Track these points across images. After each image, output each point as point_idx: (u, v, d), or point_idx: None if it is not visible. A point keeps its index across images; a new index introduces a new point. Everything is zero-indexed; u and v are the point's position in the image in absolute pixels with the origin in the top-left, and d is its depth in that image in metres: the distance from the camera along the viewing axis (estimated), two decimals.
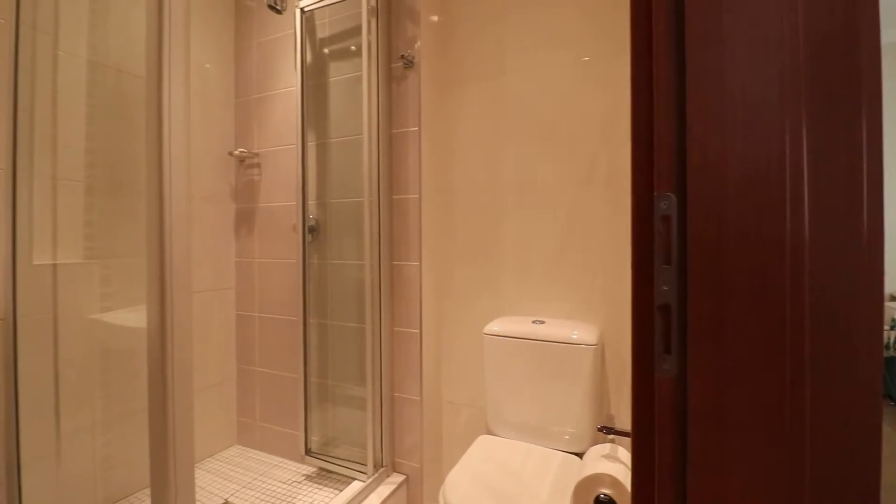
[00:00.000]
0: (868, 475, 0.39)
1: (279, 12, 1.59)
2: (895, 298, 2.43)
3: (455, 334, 1.66)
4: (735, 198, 0.43)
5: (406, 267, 1.54)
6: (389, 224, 1.55)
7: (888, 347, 2.33)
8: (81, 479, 1.34)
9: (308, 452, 1.63)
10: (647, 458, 0.48)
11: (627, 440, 1.19)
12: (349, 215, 1.63)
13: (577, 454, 1.27)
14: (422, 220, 1.51)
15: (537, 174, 1.50)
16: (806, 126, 0.41)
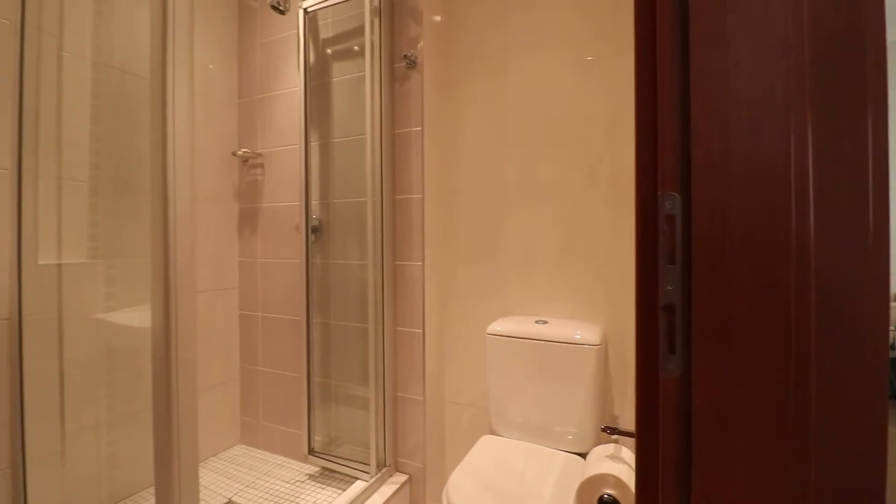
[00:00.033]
0: (873, 476, 0.39)
1: (282, 13, 1.60)
2: None
3: (458, 334, 1.66)
4: (740, 197, 0.42)
5: (409, 267, 1.54)
6: (392, 224, 1.55)
7: (894, 348, 2.32)
8: (86, 478, 1.35)
9: (311, 452, 1.64)
10: (651, 459, 0.48)
11: (631, 441, 1.20)
12: (352, 215, 1.64)
13: (581, 454, 1.27)
14: (424, 220, 1.51)
15: (540, 174, 1.50)
16: (811, 125, 0.41)
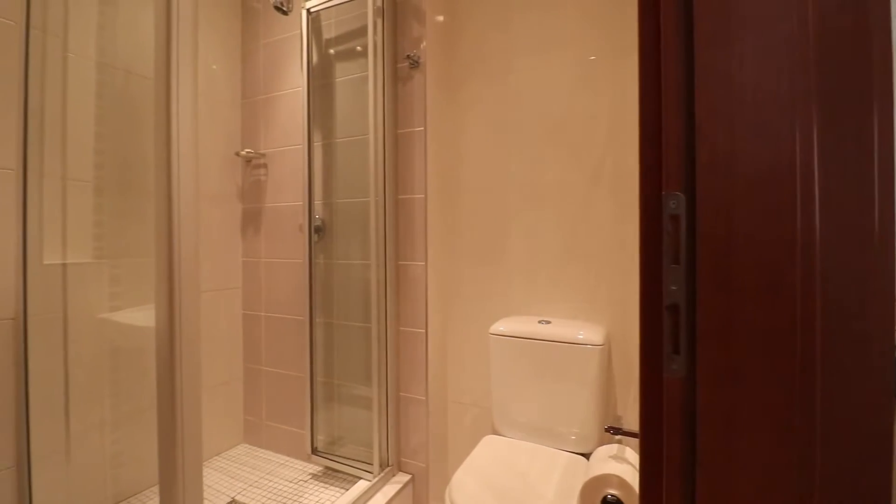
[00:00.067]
0: (880, 476, 0.39)
1: (285, 13, 1.60)
2: None
3: (461, 334, 1.66)
4: (745, 197, 0.42)
5: (412, 267, 1.54)
6: (395, 224, 1.56)
7: None
8: (90, 477, 1.36)
9: (314, 451, 1.64)
10: (656, 459, 0.48)
11: (634, 441, 1.19)
12: (355, 215, 1.64)
13: (584, 455, 1.27)
14: (427, 220, 1.51)
15: (543, 173, 1.50)
16: (816, 124, 0.40)
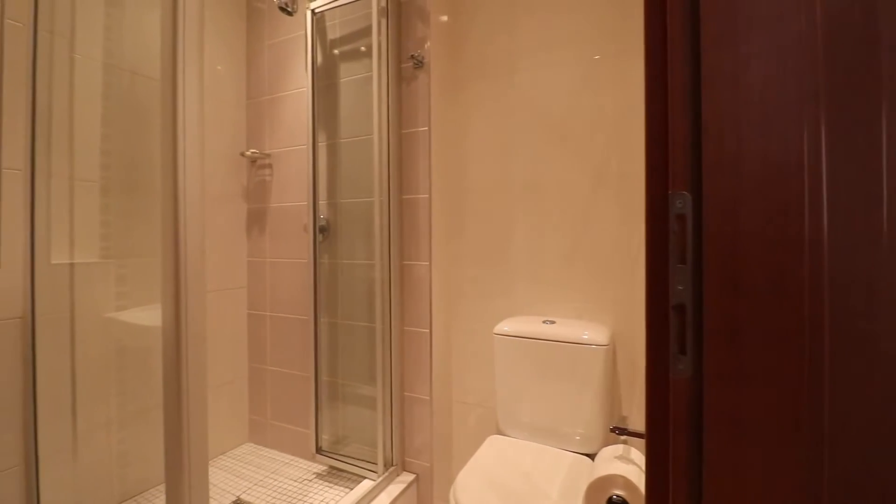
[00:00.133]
0: (889, 478, 0.39)
1: (290, 14, 1.60)
2: None
3: (465, 334, 1.66)
4: (752, 196, 0.42)
5: (416, 266, 1.54)
6: (399, 224, 1.56)
7: None
8: (97, 475, 1.37)
9: (319, 451, 1.65)
10: (662, 460, 0.48)
11: (639, 442, 1.19)
12: (359, 215, 1.64)
13: (589, 455, 1.27)
14: (431, 220, 1.51)
15: (548, 173, 1.50)
16: (824, 123, 0.40)
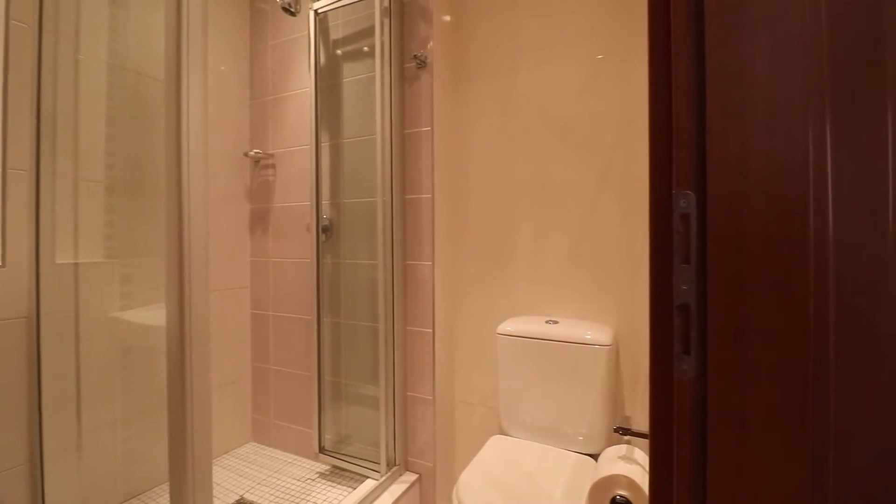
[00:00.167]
0: (894, 477, 0.38)
1: (293, 14, 1.61)
2: None
3: (468, 334, 1.66)
4: (756, 195, 0.42)
5: (419, 266, 1.54)
6: (402, 224, 1.56)
7: None
8: (102, 474, 1.37)
9: (322, 450, 1.65)
10: (666, 460, 0.48)
11: (643, 442, 1.19)
12: (362, 215, 1.64)
13: (592, 455, 1.26)
14: (434, 220, 1.51)
15: (551, 173, 1.49)
16: (829, 122, 0.40)
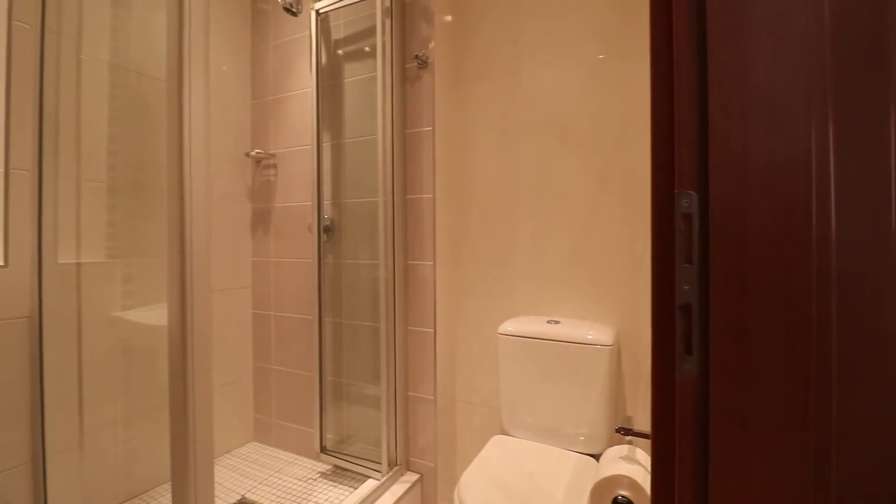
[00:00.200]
0: None
1: (294, 14, 1.61)
2: None
3: (469, 334, 1.66)
4: (759, 195, 0.42)
5: (420, 266, 1.54)
6: (404, 224, 1.56)
7: None
8: (104, 473, 1.38)
9: (323, 450, 1.65)
10: (668, 461, 0.48)
11: (644, 442, 1.18)
12: (364, 215, 1.64)
13: (593, 456, 1.26)
14: (436, 220, 1.51)
15: (552, 173, 1.49)
16: (832, 122, 0.40)
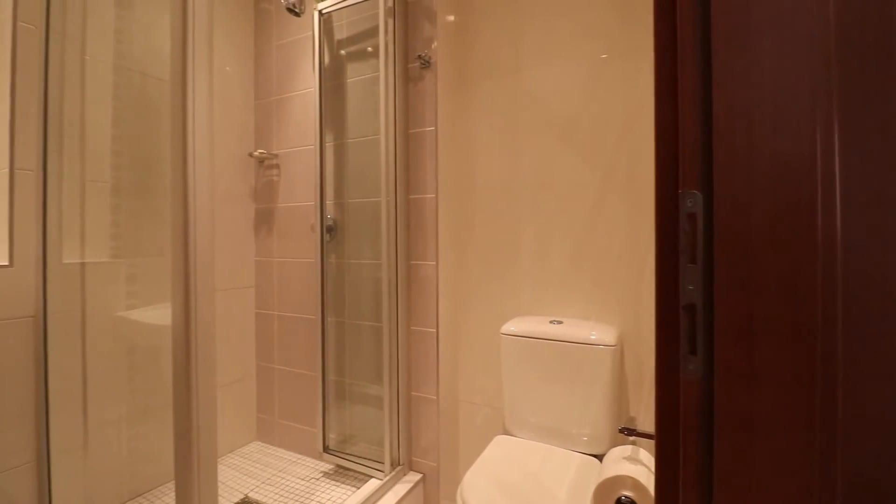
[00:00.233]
0: None
1: (297, 15, 1.61)
2: None
3: (472, 334, 1.66)
4: (763, 195, 0.42)
5: (423, 266, 1.54)
6: (406, 224, 1.56)
7: None
8: (108, 472, 1.38)
9: (326, 450, 1.65)
10: (672, 461, 0.47)
11: (648, 442, 1.18)
12: (367, 215, 1.65)
13: (597, 456, 1.26)
14: (438, 220, 1.51)
15: (555, 172, 1.49)
16: (837, 122, 0.40)
